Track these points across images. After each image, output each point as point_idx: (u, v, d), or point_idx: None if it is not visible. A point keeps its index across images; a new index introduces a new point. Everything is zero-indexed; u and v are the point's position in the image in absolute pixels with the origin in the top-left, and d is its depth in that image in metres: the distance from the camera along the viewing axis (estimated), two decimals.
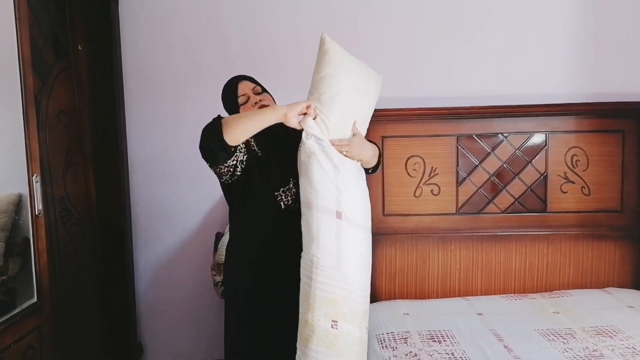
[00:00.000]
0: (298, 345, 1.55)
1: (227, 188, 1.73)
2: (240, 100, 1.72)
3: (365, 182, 1.75)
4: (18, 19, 1.79)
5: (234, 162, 1.64)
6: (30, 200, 1.87)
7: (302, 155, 1.61)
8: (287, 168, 1.67)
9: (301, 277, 1.57)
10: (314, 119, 1.60)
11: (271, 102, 1.76)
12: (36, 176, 1.89)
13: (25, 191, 1.87)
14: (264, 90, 1.77)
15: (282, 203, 1.68)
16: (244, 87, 1.74)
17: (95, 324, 2.42)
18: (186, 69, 2.64)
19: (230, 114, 1.75)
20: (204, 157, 1.64)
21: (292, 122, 1.57)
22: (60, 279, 2.12)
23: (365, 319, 1.63)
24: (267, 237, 1.69)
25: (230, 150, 1.58)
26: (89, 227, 2.40)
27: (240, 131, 1.56)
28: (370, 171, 1.86)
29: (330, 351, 1.50)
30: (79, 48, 2.39)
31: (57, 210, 2.13)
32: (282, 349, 1.66)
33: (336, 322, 1.51)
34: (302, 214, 1.60)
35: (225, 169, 1.65)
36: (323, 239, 1.54)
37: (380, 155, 1.87)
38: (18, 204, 1.86)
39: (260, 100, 1.71)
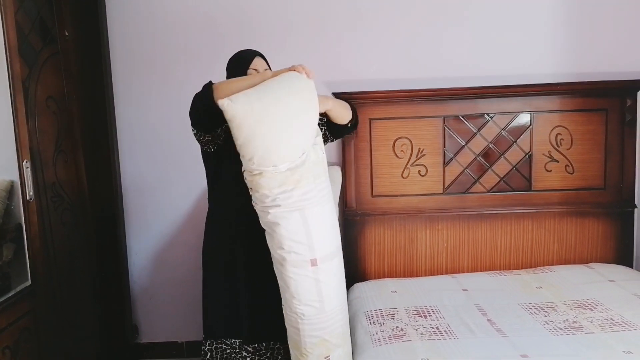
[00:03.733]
0: None
1: (208, 157, 1.81)
2: (250, 72, 1.78)
3: (330, 195, 1.68)
4: (3, 5, 1.80)
5: (219, 131, 1.69)
6: (22, 186, 1.90)
7: (265, 219, 1.58)
8: None
9: (287, 326, 1.63)
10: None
11: None
12: (26, 162, 1.92)
13: (16, 178, 1.89)
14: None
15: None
16: (258, 63, 1.81)
17: (90, 307, 2.46)
18: (175, 51, 2.63)
19: None
20: (193, 123, 1.71)
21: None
22: (54, 264, 2.15)
23: (348, 331, 1.70)
24: (237, 206, 1.77)
25: (218, 113, 1.56)
26: (81, 212, 2.43)
27: (230, 93, 1.56)
28: (350, 125, 1.92)
29: None
30: (66, 34, 2.38)
31: (49, 196, 2.16)
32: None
33: (328, 356, 1.59)
34: (275, 268, 1.62)
35: (211, 137, 1.72)
36: (304, 293, 1.57)
37: (355, 110, 1.95)
38: (10, 190, 1.89)
39: None
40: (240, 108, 1.49)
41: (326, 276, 1.59)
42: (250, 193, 1.61)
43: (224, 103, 1.49)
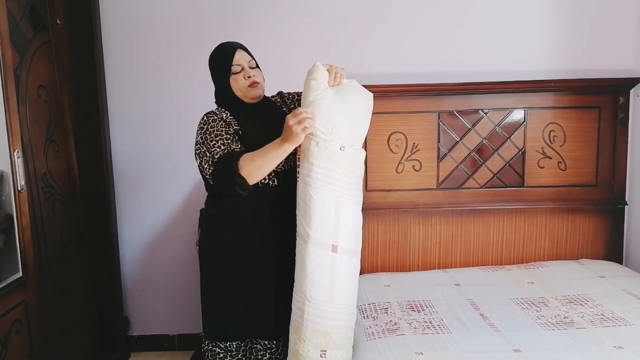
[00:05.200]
0: None
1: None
2: (234, 69, 1.70)
3: (361, 203, 1.71)
4: None
5: None
6: (13, 176, 1.87)
7: (301, 185, 1.60)
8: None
9: (292, 307, 1.62)
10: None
11: (262, 79, 1.75)
12: (17, 152, 1.89)
13: (6, 168, 1.86)
14: (257, 65, 1.77)
15: (259, 182, 1.66)
16: (240, 57, 1.72)
17: (82, 299, 2.44)
18: (170, 40, 2.60)
19: (218, 80, 1.75)
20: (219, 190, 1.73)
21: (301, 138, 1.56)
22: (45, 255, 2.13)
23: (352, 339, 1.68)
24: (247, 212, 1.73)
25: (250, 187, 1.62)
26: (72, 203, 2.40)
27: (261, 176, 1.62)
28: None
29: None
30: (58, 22, 2.35)
31: (40, 186, 2.13)
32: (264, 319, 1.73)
33: (325, 351, 1.58)
34: (296, 244, 1.62)
35: None
36: (317, 276, 1.56)
37: None
38: (0, 180, 1.86)
39: (253, 76, 1.71)
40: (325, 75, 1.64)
41: (342, 268, 1.59)
42: (297, 162, 1.63)
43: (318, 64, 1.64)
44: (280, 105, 1.86)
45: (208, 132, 1.65)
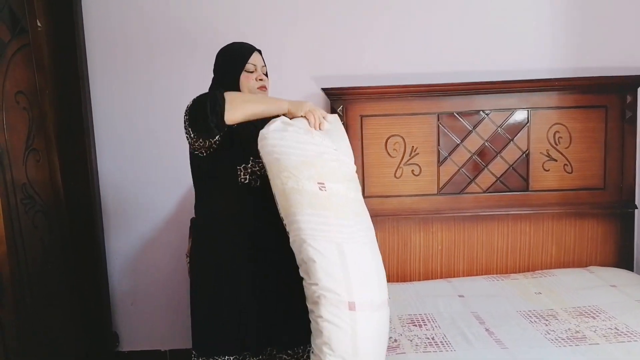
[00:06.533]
0: None
1: (199, 160, 1.62)
2: (249, 67, 1.64)
3: (373, 236, 1.50)
4: None
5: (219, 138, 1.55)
6: None
7: (299, 255, 1.39)
8: (248, 146, 1.57)
9: None
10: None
11: (268, 87, 1.71)
12: None
13: None
14: (267, 74, 1.73)
15: (239, 179, 1.58)
16: (257, 59, 1.67)
17: (66, 314, 2.33)
18: (156, 44, 2.49)
19: (228, 73, 1.65)
20: (194, 129, 1.52)
21: (306, 107, 1.48)
22: (24, 269, 2.02)
23: None
24: (233, 212, 1.62)
25: (224, 129, 1.49)
26: (55, 214, 2.29)
27: (242, 114, 1.48)
28: None
29: None
30: (38, 25, 2.24)
31: (19, 197, 2.02)
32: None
33: None
34: (310, 311, 1.41)
35: (207, 143, 1.55)
36: (337, 342, 1.33)
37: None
38: None
39: (261, 80, 1.66)
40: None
41: (365, 328, 1.35)
42: (282, 222, 1.45)
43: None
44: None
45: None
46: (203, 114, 1.46)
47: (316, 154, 1.42)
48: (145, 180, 2.58)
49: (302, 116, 1.50)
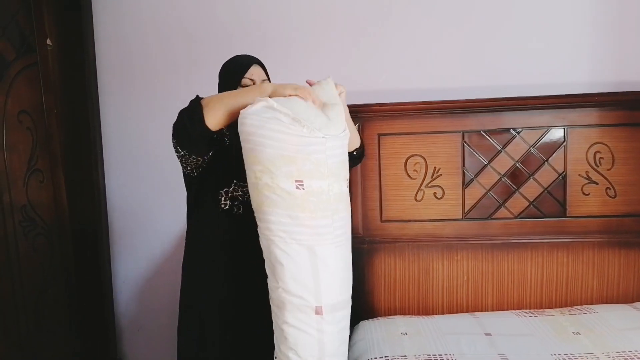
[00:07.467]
0: None
1: (190, 179, 1.57)
2: (245, 82, 1.56)
3: (348, 237, 1.47)
4: None
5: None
6: None
7: (267, 253, 1.36)
8: (232, 170, 1.49)
9: None
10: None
11: None
12: None
13: None
14: None
15: (220, 205, 1.50)
16: (255, 72, 1.59)
17: (67, 342, 2.23)
18: (167, 63, 2.44)
19: (225, 89, 1.57)
20: (179, 143, 1.45)
21: (284, 92, 1.37)
22: (20, 296, 1.94)
23: None
24: (211, 240, 1.55)
25: (212, 137, 1.40)
26: (58, 236, 2.22)
27: (223, 112, 1.37)
28: (355, 154, 1.68)
29: None
30: (49, 43, 2.20)
31: (17, 220, 1.95)
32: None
33: None
34: (272, 312, 1.39)
35: (194, 160, 1.47)
36: (303, 346, 1.33)
37: (361, 138, 1.72)
38: None
39: None
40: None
41: (331, 330, 1.37)
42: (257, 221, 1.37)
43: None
44: None
45: None
46: (183, 126, 1.38)
47: (298, 147, 1.28)
48: (154, 200, 2.50)
49: (290, 95, 1.36)
